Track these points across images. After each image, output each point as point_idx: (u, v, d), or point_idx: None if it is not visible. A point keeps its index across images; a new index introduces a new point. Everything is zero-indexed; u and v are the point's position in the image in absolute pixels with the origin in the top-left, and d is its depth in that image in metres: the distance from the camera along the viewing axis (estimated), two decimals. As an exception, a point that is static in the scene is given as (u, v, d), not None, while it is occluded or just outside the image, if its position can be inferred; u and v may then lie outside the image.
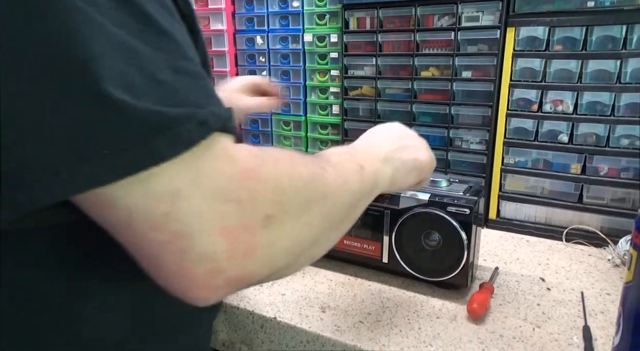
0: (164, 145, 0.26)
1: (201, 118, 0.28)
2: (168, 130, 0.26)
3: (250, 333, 0.67)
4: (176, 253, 0.28)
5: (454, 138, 1.01)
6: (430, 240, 0.68)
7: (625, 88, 0.82)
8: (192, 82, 0.29)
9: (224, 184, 0.29)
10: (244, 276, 0.30)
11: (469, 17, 0.94)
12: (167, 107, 0.27)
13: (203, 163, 0.28)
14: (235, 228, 0.29)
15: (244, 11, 1.22)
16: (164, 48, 0.29)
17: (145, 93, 0.26)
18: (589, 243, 0.89)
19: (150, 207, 0.27)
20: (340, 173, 0.39)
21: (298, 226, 0.33)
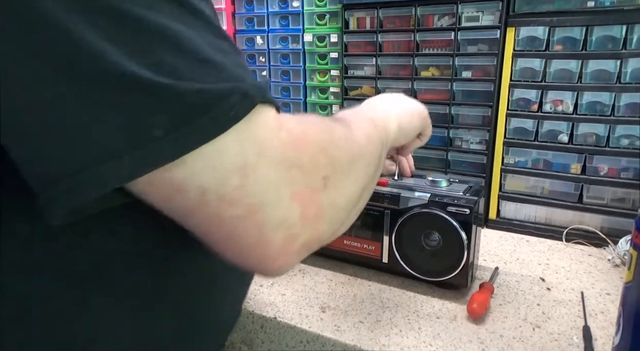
0: (212, 120, 0.26)
1: (243, 90, 0.28)
2: (214, 106, 0.26)
3: (250, 333, 0.67)
4: (256, 225, 0.28)
5: (454, 138, 1.01)
6: (430, 240, 0.68)
7: (625, 88, 0.82)
8: (231, 58, 0.30)
9: (285, 151, 0.29)
10: (316, 238, 0.32)
11: (469, 17, 0.94)
12: (212, 84, 0.27)
13: (261, 133, 0.29)
14: (304, 192, 0.30)
15: (244, 11, 1.22)
16: (201, 27, 0.29)
17: (190, 74, 0.27)
18: (589, 243, 0.89)
19: (223, 183, 0.27)
20: (362, 130, 0.42)
21: (349, 183, 0.35)
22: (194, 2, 0.30)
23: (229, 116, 0.27)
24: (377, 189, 0.71)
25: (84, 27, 0.24)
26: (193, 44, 0.28)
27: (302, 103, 1.21)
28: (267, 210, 0.28)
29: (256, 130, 0.28)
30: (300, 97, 1.20)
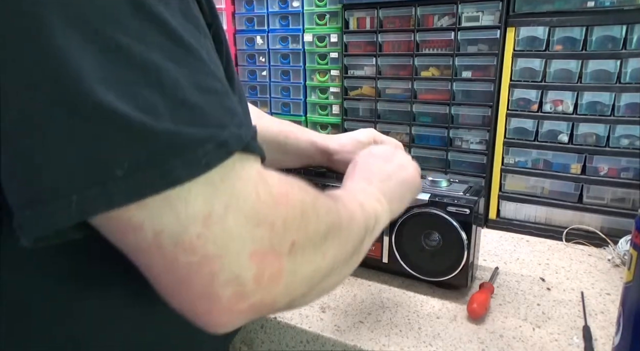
0: (180, 166, 0.25)
1: (221, 139, 0.27)
2: (186, 151, 0.25)
3: (250, 333, 0.67)
4: (206, 276, 0.27)
5: (454, 138, 1.01)
6: (430, 240, 0.68)
7: (625, 88, 0.82)
8: (216, 101, 0.29)
9: (257, 207, 0.28)
10: (267, 302, 0.30)
11: (469, 17, 0.94)
12: (188, 128, 0.26)
13: (235, 185, 0.28)
14: (266, 253, 0.28)
15: (244, 11, 1.22)
16: (189, 65, 0.28)
17: (166, 114, 0.26)
18: (589, 243, 0.89)
19: (183, 230, 0.26)
20: (347, 208, 0.40)
21: (318, 255, 0.33)
22: (189, 38, 0.28)
23: (201, 163, 0.26)
24: (377, 189, 0.71)
25: (70, 47, 0.24)
26: (178, 83, 0.27)
27: (302, 103, 1.21)
28: (222, 264, 0.27)
29: (230, 181, 0.27)
30: (300, 97, 1.20)
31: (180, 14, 0.28)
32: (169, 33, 0.27)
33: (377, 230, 0.46)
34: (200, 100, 0.27)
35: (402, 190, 0.53)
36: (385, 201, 0.49)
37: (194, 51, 0.28)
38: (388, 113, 1.08)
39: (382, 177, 0.52)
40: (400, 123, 1.06)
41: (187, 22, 0.29)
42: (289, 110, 1.23)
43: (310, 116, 1.21)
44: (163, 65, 0.26)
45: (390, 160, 0.55)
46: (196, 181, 0.26)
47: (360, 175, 0.52)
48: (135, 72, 0.25)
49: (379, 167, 0.53)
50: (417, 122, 1.04)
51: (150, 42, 0.26)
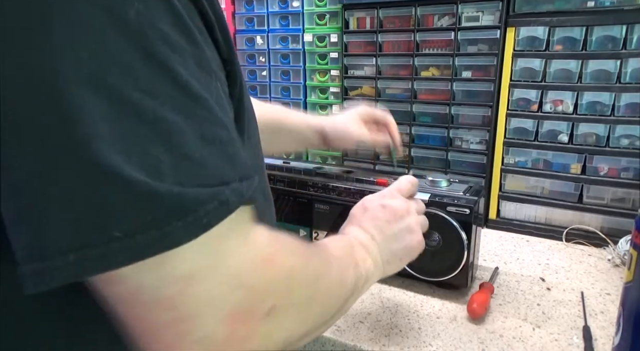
0: (181, 228, 0.25)
1: (222, 198, 0.27)
2: (188, 213, 0.25)
3: (250, 333, 0.67)
4: (177, 334, 0.27)
5: (454, 138, 1.01)
6: (430, 240, 0.68)
7: (625, 88, 0.82)
8: (221, 152, 0.28)
9: (240, 269, 0.28)
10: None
11: (469, 17, 0.94)
12: (191, 188, 0.26)
13: (223, 246, 0.28)
14: (241, 315, 0.28)
15: (244, 11, 1.22)
16: (196, 115, 0.27)
17: (170, 173, 0.25)
18: (589, 243, 0.89)
19: (163, 286, 0.26)
20: (340, 270, 0.39)
21: (297, 320, 0.33)
22: (199, 87, 0.28)
23: (201, 224, 0.26)
24: (377, 189, 0.71)
25: (82, 102, 0.23)
26: (184, 136, 0.26)
27: (302, 103, 1.21)
28: (195, 323, 0.27)
29: (221, 240, 0.27)
30: (300, 97, 1.20)
31: (193, 62, 0.28)
32: (178, 83, 0.26)
33: (365, 288, 0.45)
34: (205, 153, 0.27)
35: (402, 255, 0.51)
36: (382, 262, 0.48)
37: (202, 101, 0.28)
38: (388, 113, 1.08)
39: (388, 235, 0.50)
40: (400, 123, 1.05)
41: (200, 69, 0.28)
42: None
43: (310, 116, 1.21)
44: (171, 118, 0.26)
45: (401, 219, 0.52)
46: (191, 242, 0.26)
47: (367, 224, 0.50)
48: (144, 129, 0.25)
49: (388, 223, 0.51)
50: (417, 122, 1.04)
51: (160, 94, 0.26)
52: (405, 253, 0.51)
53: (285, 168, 0.80)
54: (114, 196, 0.24)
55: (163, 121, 0.26)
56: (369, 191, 0.71)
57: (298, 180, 0.77)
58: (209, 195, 0.26)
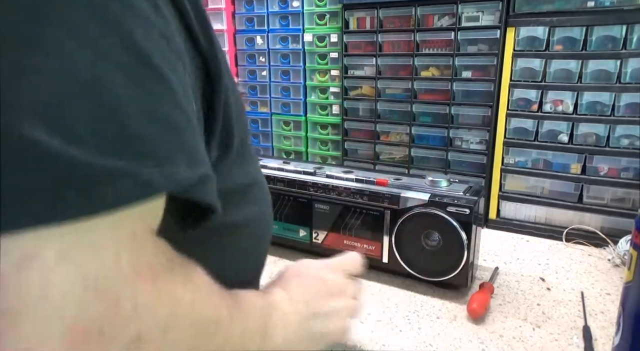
0: (73, 200, 0.21)
1: (145, 177, 0.23)
2: (86, 184, 0.21)
3: (250, 333, 0.67)
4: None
5: (454, 138, 1.01)
6: (430, 240, 0.68)
7: (625, 88, 0.82)
8: (168, 134, 0.25)
9: (115, 273, 0.23)
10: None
11: (469, 17, 0.94)
12: (103, 158, 0.22)
13: (117, 226, 0.23)
14: (89, 334, 0.22)
15: (244, 11, 1.22)
16: (148, 88, 0.24)
17: (85, 138, 0.22)
18: (589, 243, 0.89)
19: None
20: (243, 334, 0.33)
21: None
22: (159, 62, 0.25)
23: (106, 201, 0.22)
24: (377, 189, 0.71)
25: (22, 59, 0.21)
26: (117, 104, 0.23)
27: (302, 103, 1.21)
28: (18, 323, 0.21)
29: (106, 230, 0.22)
30: (300, 97, 1.20)
31: (158, 35, 0.25)
32: (133, 49, 0.23)
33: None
34: (144, 131, 0.23)
35: (318, 338, 0.45)
36: (293, 339, 0.41)
37: (162, 76, 0.25)
38: (388, 113, 1.08)
39: (314, 311, 0.44)
40: (400, 123, 1.06)
41: (168, 47, 0.26)
42: (289, 110, 1.23)
43: (310, 116, 1.21)
44: (109, 81, 0.22)
45: (333, 299, 0.46)
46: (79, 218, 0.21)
47: (296, 292, 0.44)
48: (70, 82, 0.22)
49: (318, 298, 0.45)
50: (417, 122, 1.04)
51: (106, 53, 0.23)
52: (324, 339, 0.45)
53: (285, 168, 0.80)
54: (15, 156, 0.20)
55: (97, 81, 0.22)
56: (369, 191, 0.71)
57: (298, 180, 0.77)
58: (125, 170, 0.22)
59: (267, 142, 1.29)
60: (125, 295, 0.23)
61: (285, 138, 1.26)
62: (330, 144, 1.20)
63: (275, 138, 1.28)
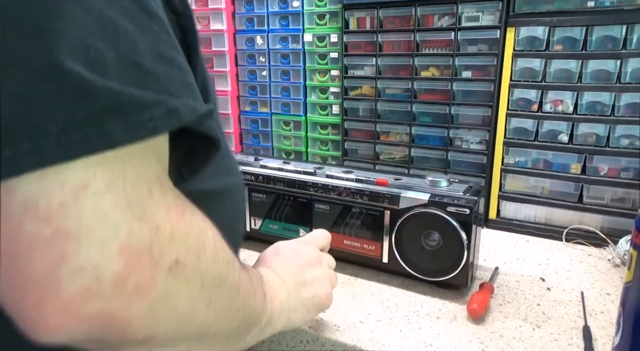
0: (121, 129, 0.23)
1: (172, 106, 0.25)
2: (128, 113, 0.23)
3: (250, 333, 0.67)
4: (52, 256, 0.22)
5: (454, 138, 1.01)
6: (430, 240, 0.68)
7: (625, 88, 0.82)
8: (175, 72, 0.27)
9: (153, 202, 0.25)
10: (121, 317, 0.24)
11: (469, 17, 0.94)
12: (136, 90, 0.24)
13: (141, 165, 0.25)
14: (140, 254, 0.24)
15: (244, 11, 1.22)
16: (153, 32, 0.26)
17: (115, 72, 0.23)
18: (589, 243, 0.89)
19: (45, 193, 0.22)
20: (251, 284, 0.37)
21: (202, 297, 0.29)
22: (156, 8, 0.27)
23: (147, 127, 0.24)
24: (377, 189, 0.71)
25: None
26: (135, 45, 0.25)
27: (302, 103, 1.21)
28: (79, 246, 0.22)
29: (138, 159, 0.24)
30: (300, 97, 1.20)
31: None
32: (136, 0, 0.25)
33: (266, 331, 0.42)
34: (157, 68, 0.25)
35: (310, 304, 0.49)
36: (288, 308, 0.45)
37: (159, 20, 0.27)
38: (388, 113, 1.08)
39: (299, 282, 0.48)
40: (400, 123, 1.06)
41: (157, 5, 0.27)
42: (289, 110, 1.23)
43: (310, 116, 1.21)
44: (122, 24, 0.24)
45: (313, 268, 0.51)
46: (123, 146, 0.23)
47: (278, 268, 0.48)
48: (92, 25, 0.23)
49: (300, 269, 0.49)
50: (417, 122, 1.04)
51: (117, 3, 0.24)
52: (314, 303, 0.49)
53: (285, 168, 0.80)
54: (50, 89, 0.21)
55: (114, 24, 0.24)
56: (369, 191, 0.71)
57: (298, 180, 0.77)
58: (156, 100, 0.24)
59: (267, 142, 1.29)
60: (163, 221, 0.25)
61: (285, 138, 1.26)
62: (330, 144, 1.20)
63: (275, 138, 1.28)
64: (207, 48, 1.26)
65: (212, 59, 1.26)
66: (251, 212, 0.83)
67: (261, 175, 0.80)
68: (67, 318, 0.23)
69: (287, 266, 0.49)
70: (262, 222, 0.82)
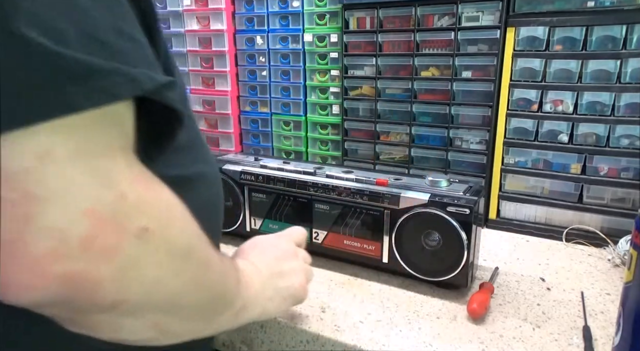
0: (82, 94, 0.23)
1: (133, 75, 0.25)
2: (88, 78, 0.24)
3: (250, 333, 0.67)
4: (19, 219, 0.23)
5: (454, 138, 1.01)
6: (430, 240, 0.68)
7: (625, 88, 0.82)
8: (136, 48, 0.27)
9: (118, 170, 0.26)
10: (89, 278, 0.25)
11: (469, 17, 0.94)
12: (96, 59, 0.24)
13: (108, 133, 0.26)
14: (105, 218, 0.25)
15: (244, 11, 1.22)
16: (113, 10, 0.27)
17: (75, 43, 0.24)
18: (589, 243, 0.89)
19: (11, 159, 0.22)
20: (222, 264, 0.37)
21: (168, 263, 0.29)
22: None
23: (109, 92, 0.24)
24: (377, 189, 0.71)
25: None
26: (94, 20, 0.25)
27: (302, 103, 1.21)
28: (44, 208, 0.23)
29: (104, 126, 0.25)
30: (300, 97, 1.20)
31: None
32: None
33: (241, 318, 0.41)
34: (118, 42, 0.26)
35: (286, 294, 0.50)
36: (263, 297, 0.46)
37: (120, 2, 0.27)
38: (388, 113, 1.08)
39: (275, 272, 0.49)
40: (400, 123, 1.06)
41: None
42: (289, 110, 1.23)
43: (310, 116, 1.21)
44: (82, 1, 0.25)
45: (289, 259, 0.52)
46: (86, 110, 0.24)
47: (255, 259, 0.49)
48: (53, 1, 0.24)
49: (276, 260, 0.50)
50: (417, 122, 1.04)
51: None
52: (289, 293, 0.50)
53: (285, 168, 0.80)
54: (7, 56, 0.22)
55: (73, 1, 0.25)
56: (369, 191, 0.71)
57: (298, 180, 0.77)
58: (116, 68, 0.25)
59: (267, 142, 1.29)
60: (129, 189, 0.26)
61: (285, 138, 1.26)
62: (330, 144, 1.20)
63: (275, 138, 1.28)
64: (207, 48, 1.26)
65: (212, 59, 1.26)
66: (251, 212, 0.83)
67: (261, 175, 0.80)
68: (37, 278, 0.24)
69: (264, 257, 0.50)
70: (262, 222, 0.82)
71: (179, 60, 1.31)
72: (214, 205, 0.47)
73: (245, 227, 0.84)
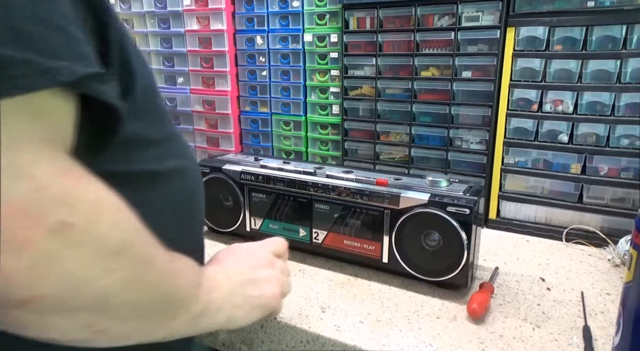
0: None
1: (47, 66, 0.25)
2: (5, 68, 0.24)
3: (250, 333, 0.67)
4: None
5: (454, 138, 1.01)
6: (430, 240, 0.68)
7: (625, 88, 0.83)
8: (63, 39, 0.27)
9: (36, 162, 0.25)
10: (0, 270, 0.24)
11: (469, 17, 0.94)
12: (10, 51, 0.24)
13: (24, 121, 0.25)
14: (15, 210, 0.24)
15: (244, 11, 1.22)
16: (43, 3, 0.26)
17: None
18: (589, 243, 0.89)
19: None
20: (172, 264, 0.35)
21: (96, 261, 0.28)
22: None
23: (18, 84, 0.24)
24: (377, 189, 0.71)
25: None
26: (13, 11, 0.25)
27: (302, 103, 1.21)
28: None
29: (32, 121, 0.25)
30: (300, 97, 1.20)
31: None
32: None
33: (201, 323, 0.39)
34: (39, 33, 0.26)
35: (255, 303, 0.47)
36: (230, 304, 0.44)
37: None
38: (388, 113, 1.08)
39: (247, 279, 0.47)
40: (400, 123, 1.06)
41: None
42: (289, 110, 1.23)
43: (310, 116, 1.21)
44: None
45: (264, 268, 0.50)
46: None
47: (228, 265, 0.48)
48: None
49: (251, 267, 0.49)
50: (417, 122, 1.04)
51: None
52: (259, 302, 0.48)
53: (285, 168, 0.80)
54: None
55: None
56: (369, 191, 0.71)
57: (298, 180, 0.77)
58: (29, 59, 0.24)
59: (267, 142, 1.29)
60: (50, 182, 0.25)
61: (285, 138, 1.26)
62: (330, 144, 1.20)
63: (275, 138, 1.28)
64: (207, 48, 1.26)
65: (212, 59, 1.26)
66: (251, 212, 0.83)
67: (261, 175, 0.80)
68: None
69: (238, 264, 0.48)
70: (262, 222, 0.82)
71: (179, 60, 1.31)
72: (190, 197, 0.46)
73: (245, 227, 0.84)
